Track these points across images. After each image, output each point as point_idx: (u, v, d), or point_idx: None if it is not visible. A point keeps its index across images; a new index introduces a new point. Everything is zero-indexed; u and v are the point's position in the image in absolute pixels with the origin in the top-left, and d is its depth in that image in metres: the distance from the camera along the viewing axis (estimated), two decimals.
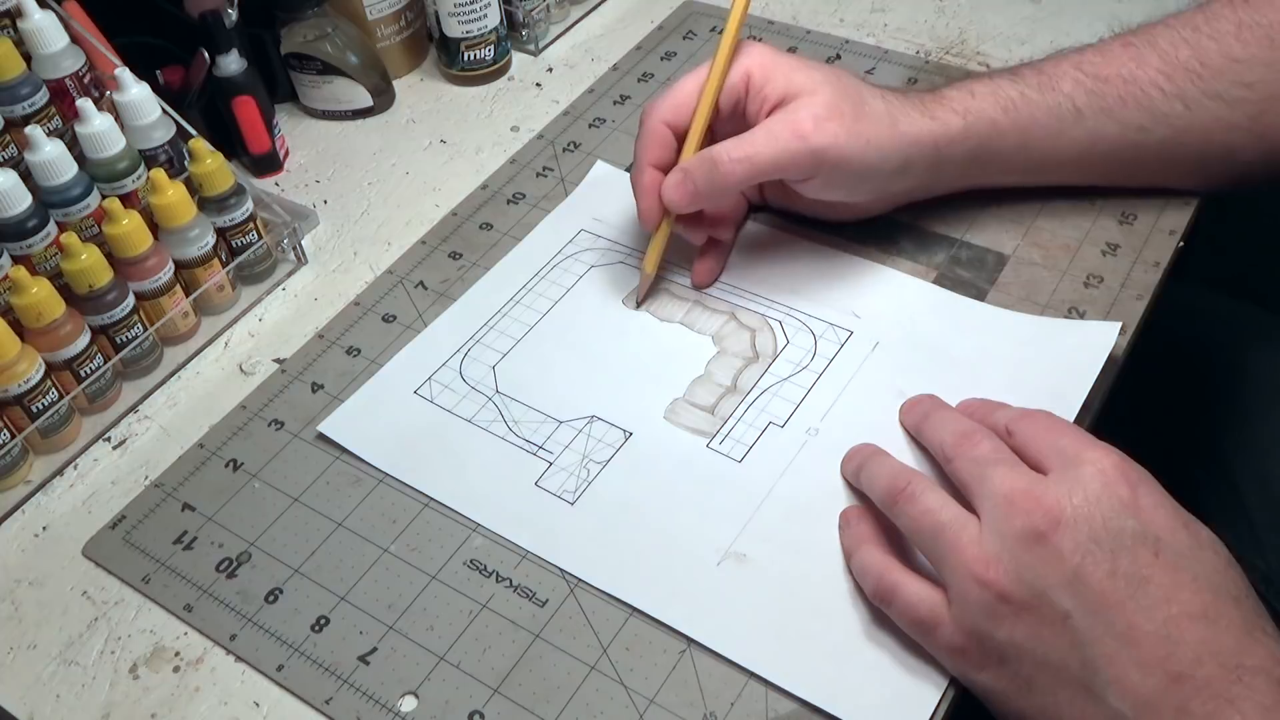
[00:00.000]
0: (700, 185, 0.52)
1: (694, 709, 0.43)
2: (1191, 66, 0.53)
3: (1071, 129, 0.55)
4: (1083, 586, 0.38)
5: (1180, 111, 0.54)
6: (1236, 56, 0.53)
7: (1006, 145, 0.55)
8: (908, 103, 0.54)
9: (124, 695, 0.46)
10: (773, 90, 0.52)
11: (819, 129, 0.51)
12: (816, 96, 0.51)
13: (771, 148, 0.51)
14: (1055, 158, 0.56)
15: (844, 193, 0.55)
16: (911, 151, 0.53)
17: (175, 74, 0.68)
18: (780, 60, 0.53)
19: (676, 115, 0.54)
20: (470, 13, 0.72)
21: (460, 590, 0.47)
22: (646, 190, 0.54)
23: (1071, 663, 0.38)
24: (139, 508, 0.52)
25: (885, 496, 0.45)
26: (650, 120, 0.54)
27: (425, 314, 0.59)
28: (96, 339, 0.55)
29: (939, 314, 0.55)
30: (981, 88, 0.55)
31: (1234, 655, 0.36)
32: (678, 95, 0.54)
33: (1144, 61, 0.54)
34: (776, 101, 0.52)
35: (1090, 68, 0.55)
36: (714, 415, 0.52)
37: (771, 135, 0.51)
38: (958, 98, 0.54)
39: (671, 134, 0.54)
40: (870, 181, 0.54)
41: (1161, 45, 0.54)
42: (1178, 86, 0.53)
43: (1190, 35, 0.54)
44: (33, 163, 0.54)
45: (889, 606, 0.43)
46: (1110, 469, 0.40)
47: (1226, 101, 0.53)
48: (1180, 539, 0.39)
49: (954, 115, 0.54)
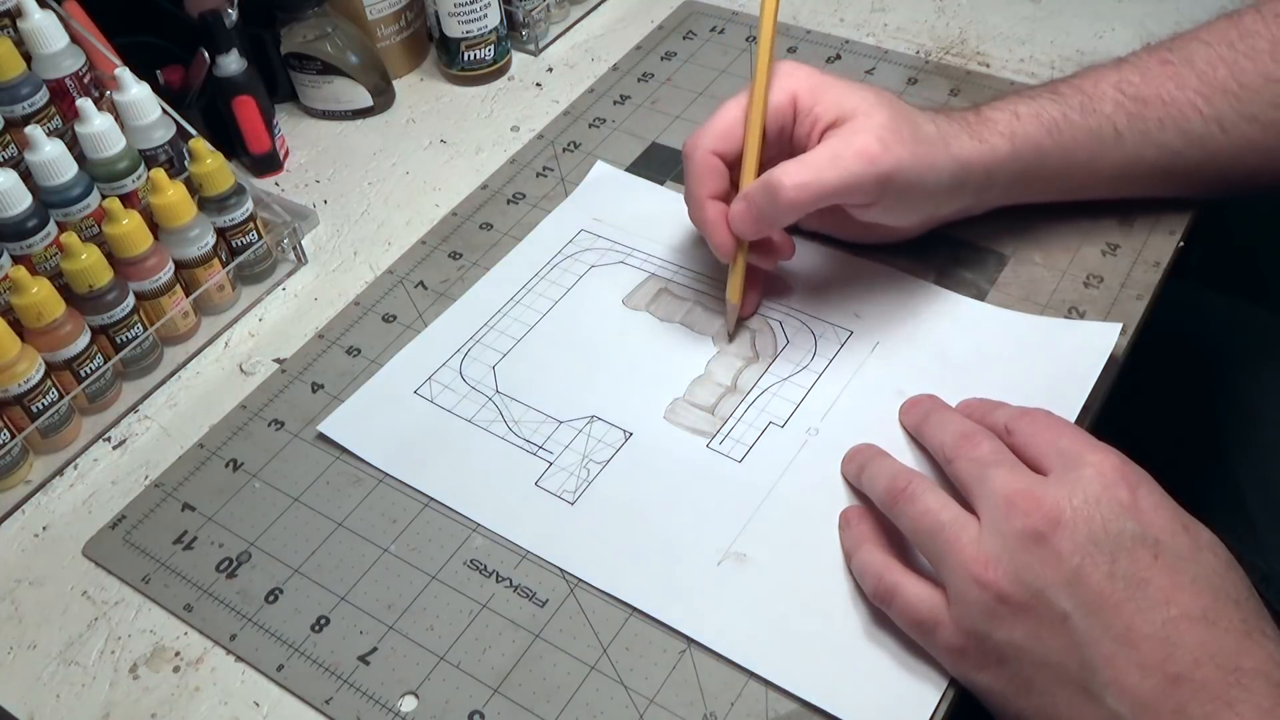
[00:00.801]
0: (765, 212, 0.50)
1: (694, 709, 0.43)
2: (1229, 88, 0.53)
3: (1111, 152, 0.54)
4: (1082, 587, 0.38)
5: (1216, 134, 0.53)
6: (1274, 77, 0.52)
7: (1049, 167, 0.54)
8: (954, 124, 0.52)
9: (124, 695, 0.46)
10: (824, 111, 0.50)
11: (886, 150, 0.48)
12: (874, 117, 0.49)
13: (836, 171, 0.48)
14: (1093, 179, 0.56)
15: (901, 216, 0.53)
16: (963, 174, 0.52)
17: (175, 74, 0.68)
18: (826, 80, 0.51)
19: (724, 144, 0.52)
20: (470, 13, 0.72)
21: (460, 590, 0.47)
22: (715, 223, 0.51)
23: (1070, 663, 0.38)
24: (139, 508, 0.52)
25: (885, 497, 0.45)
26: (698, 153, 0.52)
27: (425, 314, 0.59)
28: (96, 339, 0.55)
29: (939, 314, 0.55)
30: (1025, 109, 0.54)
31: (1233, 657, 0.36)
32: (722, 123, 0.52)
33: (1183, 82, 0.53)
34: (830, 122, 0.50)
35: (1130, 89, 0.54)
36: (714, 415, 0.52)
37: (836, 158, 0.49)
38: (1002, 120, 0.53)
39: (722, 163, 0.52)
40: (928, 204, 0.53)
41: (1199, 65, 0.54)
42: (1215, 109, 0.53)
43: (1227, 53, 0.53)
44: (33, 163, 0.54)
45: (889, 607, 0.43)
46: (1110, 470, 0.40)
47: (1261, 124, 0.53)
48: (1180, 541, 0.39)
49: (1001, 138, 0.53)
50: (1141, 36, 0.72)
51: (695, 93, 0.72)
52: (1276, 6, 0.54)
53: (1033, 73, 0.70)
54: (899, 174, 0.49)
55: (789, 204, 0.49)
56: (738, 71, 0.73)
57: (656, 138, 0.69)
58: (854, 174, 0.48)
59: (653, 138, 0.69)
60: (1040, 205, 0.58)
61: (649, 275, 0.60)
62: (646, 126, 0.70)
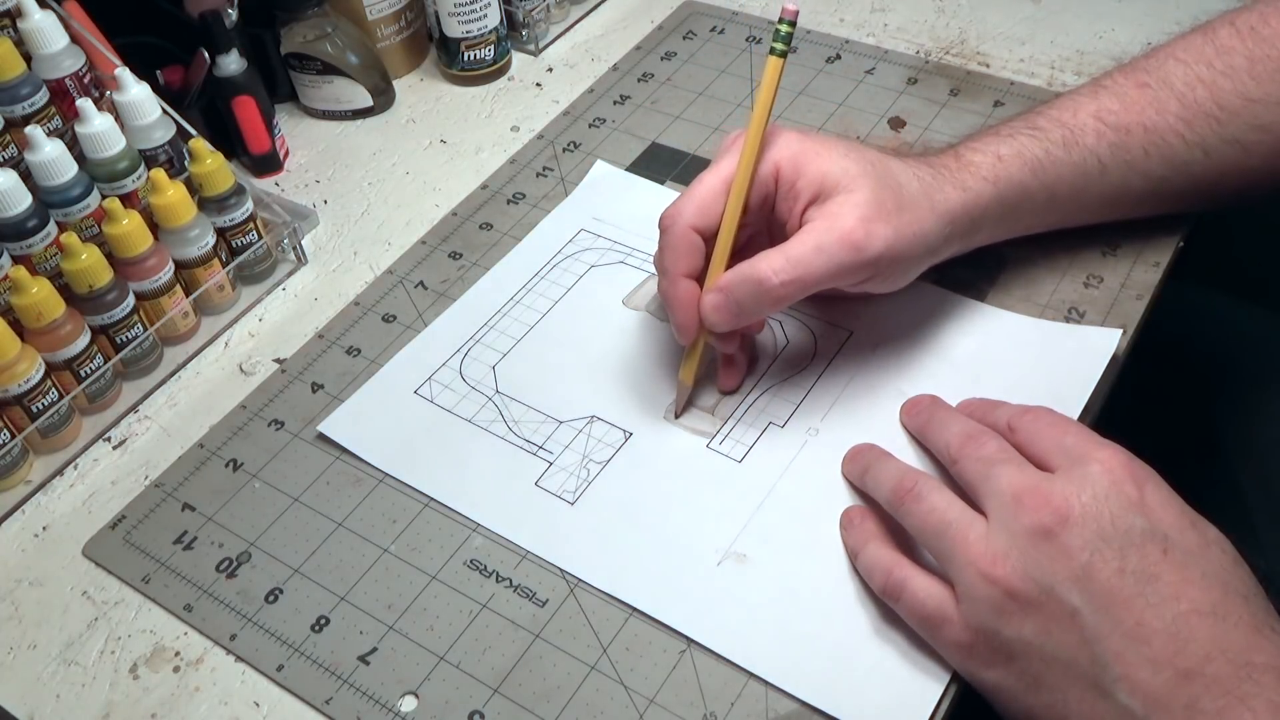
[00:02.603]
0: (746, 307, 0.48)
1: (694, 709, 0.43)
2: (1210, 110, 0.52)
3: (1096, 184, 0.54)
4: (1091, 583, 0.38)
5: (1200, 159, 0.53)
6: (1252, 96, 0.52)
7: (1035, 204, 0.53)
8: (936, 175, 0.51)
9: (124, 695, 0.46)
10: (805, 185, 0.48)
11: (871, 236, 0.47)
12: (856, 194, 0.47)
13: (821, 262, 0.47)
14: (1079, 210, 0.55)
15: (891, 283, 0.51)
16: (950, 226, 0.51)
17: (175, 74, 0.68)
18: (808, 148, 0.49)
19: (703, 219, 0.49)
20: (470, 13, 0.72)
21: (460, 590, 0.47)
22: (685, 304, 0.49)
23: (1080, 660, 0.38)
24: (139, 508, 0.52)
25: (891, 497, 0.45)
26: (676, 227, 0.49)
27: (425, 314, 0.59)
28: (96, 339, 0.55)
29: (939, 314, 0.55)
30: (1006, 149, 0.52)
31: (1243, 652, 0.36)
32: (702, 197, 0.49)
33: (1163, 108, 0.53)
34: (811, 198, 0.48)
35: (1111, 118, 0.53)
36: (714, 415, 0.52)
37: (820, 248, 0.47)
38: (985, 164, 0.52)
39: (700, 239, 0.49)
40: (917, 267, 0.51)
41: (1178, 87, 0.53)
42: (1198, 134, 0.53)
43: (1205, 73, 0.53)
44: (33, 163, 0.54)
45: (897, 602, 0.43)
46: (1118, 467, 0.40)
47: (1243, 146, 0.53)
48: (1188, 537, 0.39)
49: (984, 183, 0.51)
50: (1141, 36, 0.72)
51: (695, 93, 0.72)
52: (1250, 19, 0.53)
53: (1033, 72, 0.70)
54: (885, 255, 0.47)
55: (774, 300, 0.47)
56: (738, 71, 0.73)
57: (656, 138, 0.69)
58: (839, 264, 0.47)
59: (653, 138, 0.69)
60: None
61: (649, 275, 0.60)
62: (646, 126, 0.70)
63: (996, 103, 0.68)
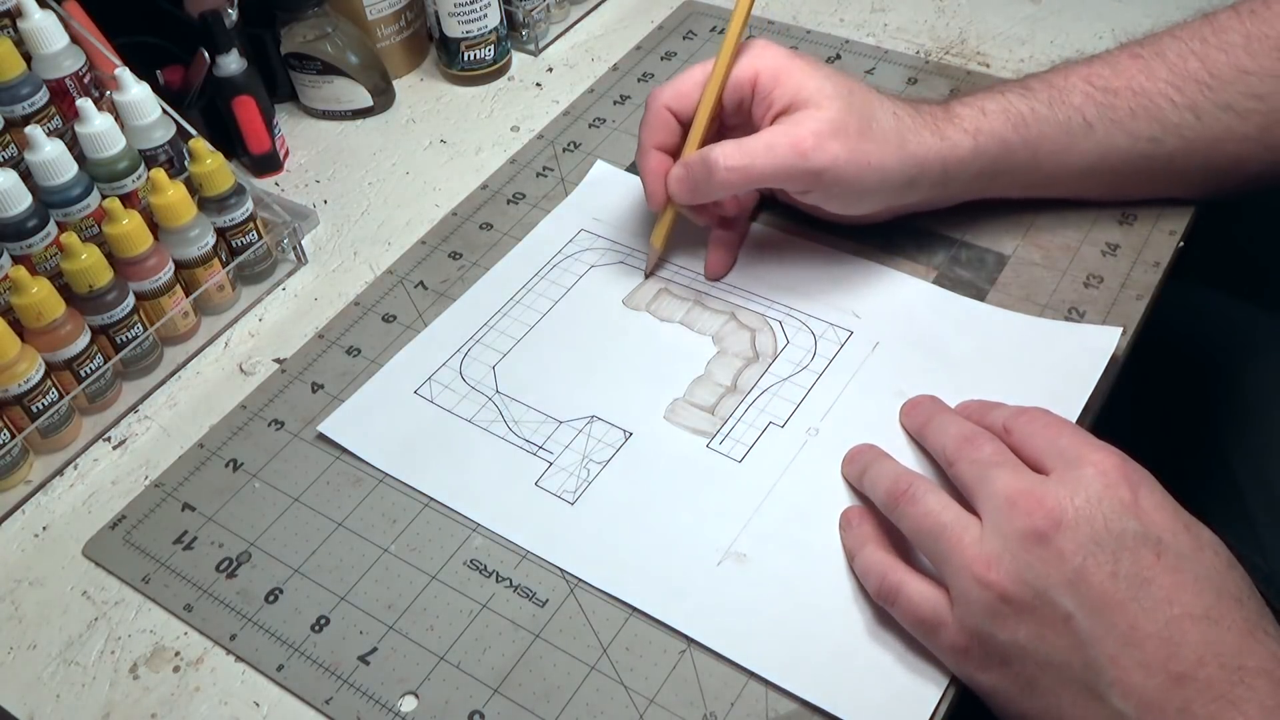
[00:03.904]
0: (700, 185, 0.52)
1: (694, 709, 0.43)
2: (1201, 78, 0.53)
3: (1082, 143, 0.54)
4: (1084, 587, 0.38)
5: (1191, 122, 0.53)
6: (1246, 68, 0.52)
7: (1016, 162, 0.54)
8: (919, 119, 0.53)
9: (124, 695, 0.46)
10: (780, 95, 0.51)
11: (819, 148, 0.50)
12: (823, 111, 0.50)
13: (768, 160, 0.50)
14: (1064, 171, 0.56)
15: (841, 206, 0.54)
16: (916, 171, 0.52)
17: (175, 74, 0.68)
18: (792, 65, 0.52)
19: (679, 102, 0.54)
20: (470, 13, 0.72)
21: (460, 590, 0.47)
22: (651, 173, 0.55)
23: (1074, 663, 0.38)
24: (139, 508, 0.52)
25: (887, 499, 0.45)
26: (654, 104, 0.55)
27: (425, 314, 0.59)
28: (96, 339, 0.55)
29: (939, 314, 0.55)
30: (993, 105, 0.54)
31: (1236, 656, 0.36)
32: (683, 84, 0.54)
33: (1153, 74, 0.54)
34: (783, 108, 0.51)
35: (1100, 80, 0.54)
36: (714, 415, 0.52)
37: (770, 147, 0.50)
38: (969, 115, 0.54)
39: (675, 119, 0.54)
40: (870, 198, 0.53)
41: (1170, 57, 0.54)
42: (1188, 98, 0.53)
43: (1199, 47, 0.53)
44: (33, 163, 0.54)
45: (892, 606, 0.43)
46: (1111, 470, 0.40)
47: (1238, 113, 0.53)
48: (1182, 540, 0.39)
49: (964, 135, 0.53)
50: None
51: None
52: (1252, 4, 0.54)
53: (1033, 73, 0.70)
54: (830, 170, 0.50)
55: (720, 183, 0.51)
56: None
57: None
58: (784, 166, 0.50)
59: None
60: (1040, 204, 0.58)
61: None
62: None
63: None
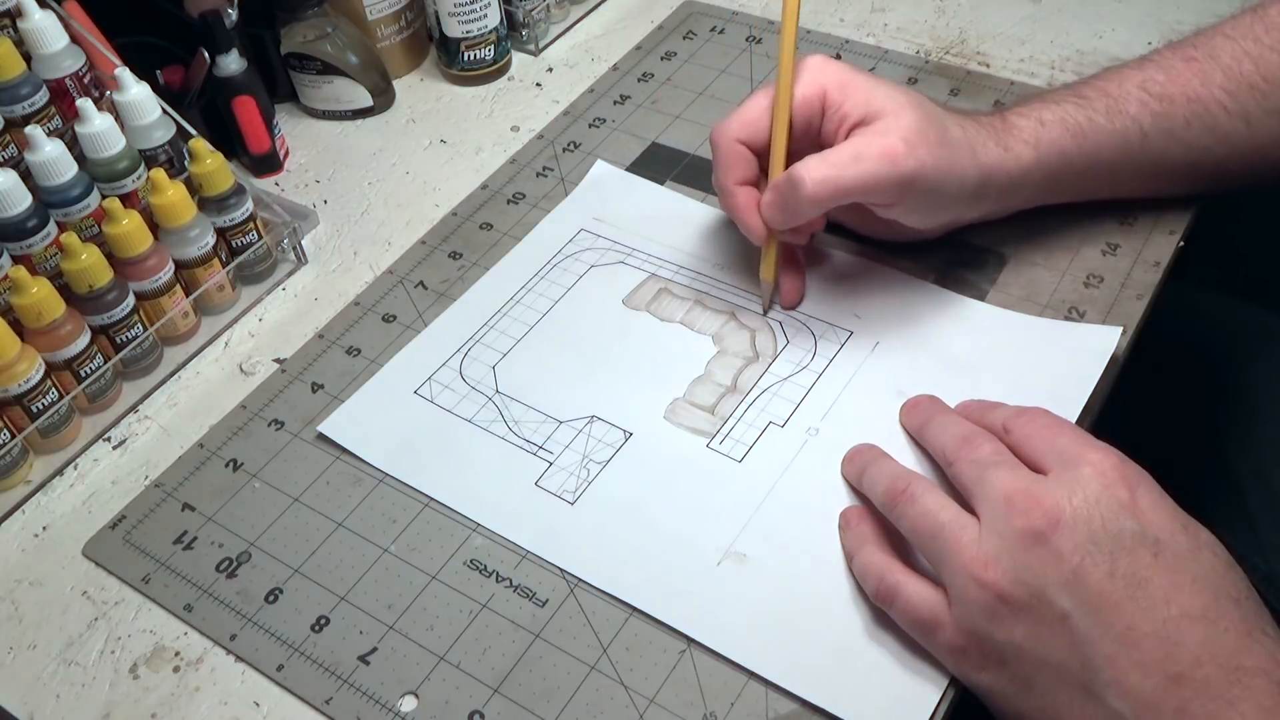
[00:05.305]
0: (790, 205, 0.50)
1: (694, 709, 0.43)
2: (1255, 82, 0.53)
3: (1137, 154, 0.54)
4: (1082, 587, 0.38)
5: (1242, 131, 0.53)
6: None
7: (1074, 171, 0.54)
8: (981, 131, 0.52)
9: (124, 695, 0.46)
10: (853, 108, 0.50)
11: (910, 153, 0.48)
12: (902, 119, 0.49)
13: (857, 170, 0.49)
14: (1117, 179, 0.56)
15: (923, 218, 0.53)
16: (987, 182, 0.52)
17: (175, 74, 0.68)
18: (856, 77, 0.51)
19: (749, 132, 0.52)
20: (470, 13, 0.72)
21: (460, 590, 0.47)
22: (746, 208, 0.52)
23: (1071, 663, 0.38)
24: (139, 508, 0.52)
25: (885, 498, 0.45)
26: (724, 140, 0.52)
27: (425, 314, 0.59)
28: (96, 339, 0.55)
29: (939, 314, 0.55)
30: (1050, 115, 0.53)
31: (1234, 656, 0.36)
32: (748, 113, 0.52)
33: (1208, 79, 0.53)
34: (858, 120, 0.50)
35: (1155, 87, 0.54)
36: (714, 415, 0.52)
37: (858, 157, 0.49)
38: (1028, 127, 0.53)
39: (749, 150, 0.52)
40: (951, 208, 0.53)
41: (1224, 59, 0.53)
42: (1241, 105, 0.53)
43: (1253, 48, 0.53)
44: (33, 163, 0.54)
45: (890, 607, 0.43)
46: (1109, 470, 0.40)
47: None
48: (1179, 540, 0.39)
49: (1026, 147, 0.52)
50: (1141, 36, 0.72)
51: (695, 93, 0.72)
52: None
53: (1033, 72, 0.70)
54: (921, 177, 0.49)
55: (810, 199, 0.49)
56: (738, 71, 0.73)
57: (656, 138, 0.69)
58: (876, 174, 0.48)
59: (653, 138, 0.69)
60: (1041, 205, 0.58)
61: (649, 275, 0.60)
62: (646, 126, 0.70)
63: (996, 102, 0.68)
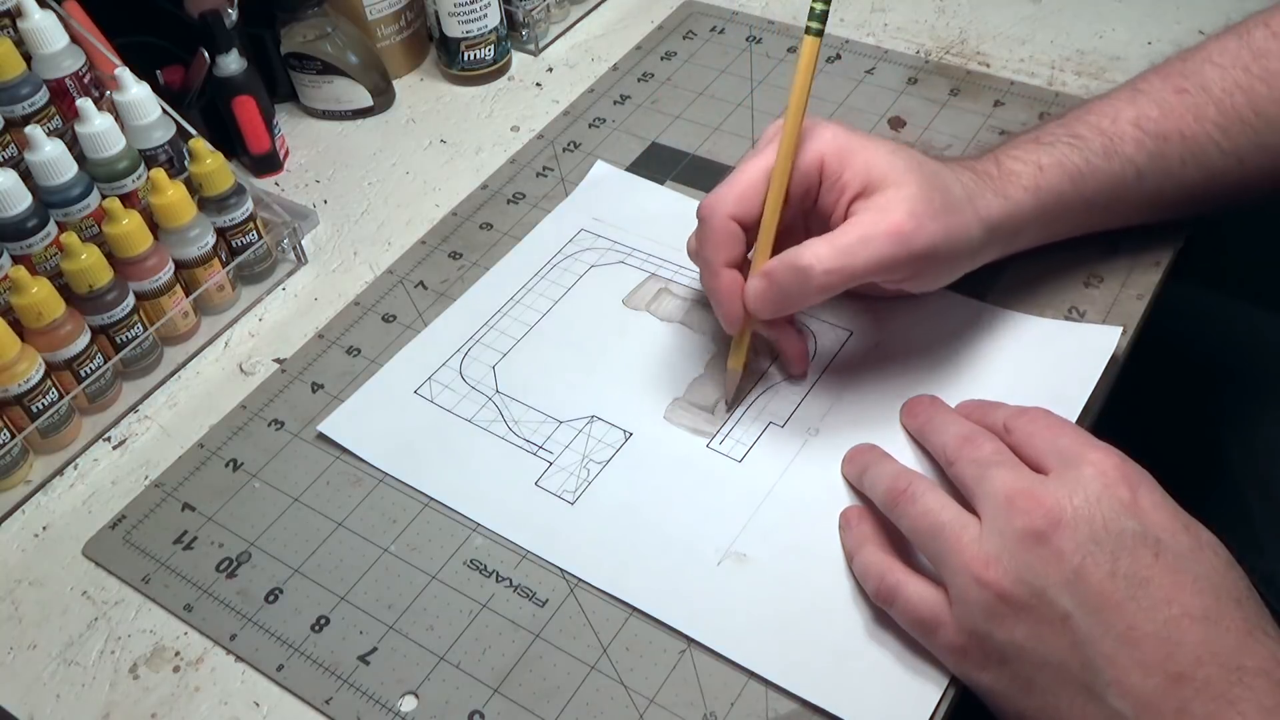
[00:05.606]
0: (791, 294, 0.47)
1: (694, 709, 0.43)
2: (1246, 116, 0.52)
3: (1134, 193, 0.53)
4: (1083, 587, 0.38)
5: (1234, 168, 0.53)
6: None
7: (1073, 213, 0.53)
8: (978, 181, 0.51)
9: (124, 695, 0.46)
10: (852, 177, 0.48)
11: (919, 229, 0.46)
12: (904, 189, 0.47)
13: (868, 254, 0.46)
14: (1111, 215, 0.55)
15: (929, 283, 0.51)
16: (991, 234, 0.50)
17: (175, 74, 0.68)
18: (853, 141, 0.48)
19: (742, 208, 0.48)
20: (470, 13, 0.72)
21: (460, 590, 0.47)
22: (729, 294, 0.49)
23: (1072, 663, 0.38)
24: (139, 508, 0.52)
25: (886, 498, 0.45)
26: (715, 217, 0.48)
27: (425, 314, 0.59)
28: (96, 339, 0.55)
29: (939, 314, 0.55)
30: (1047, 159, 0.52)
31: (1235, 656, 0.36)
32: (741, 186, 0.48)
33: (1201, 115, 0.53)
34: (858, 191, 0.48)
35: (1150, 125, 0.53)
36: (714, 415, 0.52)
37: (866, 240, 0.46)
38: (1026, 173, 0.52)
39: (740, 229, 0.49)
40: (958, 269, 0.51)
41: (1215, 92, 0.53)
42: (1234, 142, 0.52)
43: (1242, 78, 0.53)
44: (33, 163, 0.54)
45: (890, 607, 0.43)
46: (1111, 470, 0.40)
47: (1272, 154, 0.53)
48: (1181, 540, 0.39)
49: (1025, 193, 0.51)
50: (1141, 36, 0.72)
51: (695, 93, 0.72)
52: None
53: (1033, 72, 0.70)
54: (933, 251, 0.47)
55: (819, 289, 0.47)
56: (738, 71, 0.73)
57: (656, 138, 0.69)
58: (887, 256, 0.46)
59: (653, 138, 0.69)
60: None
61: (649, 275, 0.60)
62: (646, 126, 0.70)
63: (996, 102, 0.68)
